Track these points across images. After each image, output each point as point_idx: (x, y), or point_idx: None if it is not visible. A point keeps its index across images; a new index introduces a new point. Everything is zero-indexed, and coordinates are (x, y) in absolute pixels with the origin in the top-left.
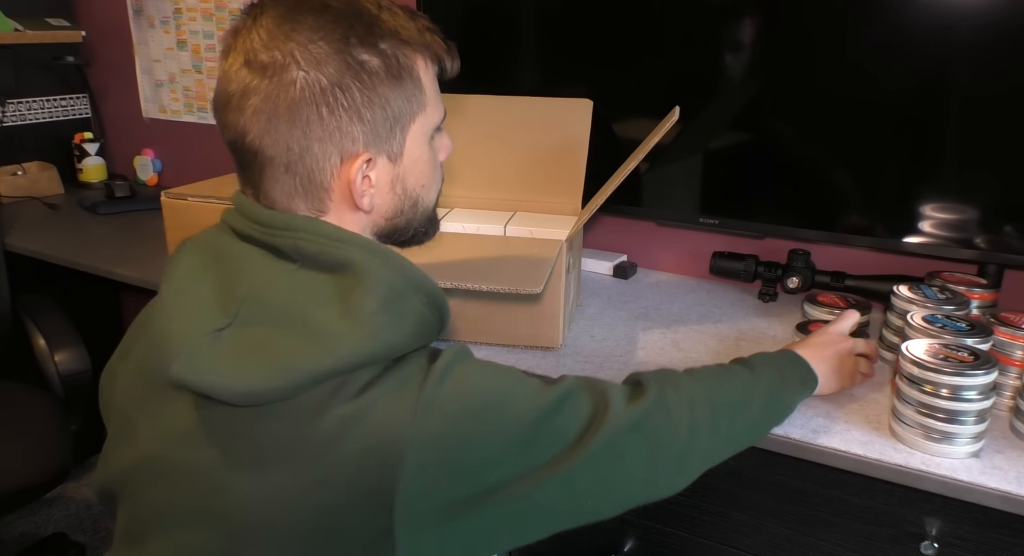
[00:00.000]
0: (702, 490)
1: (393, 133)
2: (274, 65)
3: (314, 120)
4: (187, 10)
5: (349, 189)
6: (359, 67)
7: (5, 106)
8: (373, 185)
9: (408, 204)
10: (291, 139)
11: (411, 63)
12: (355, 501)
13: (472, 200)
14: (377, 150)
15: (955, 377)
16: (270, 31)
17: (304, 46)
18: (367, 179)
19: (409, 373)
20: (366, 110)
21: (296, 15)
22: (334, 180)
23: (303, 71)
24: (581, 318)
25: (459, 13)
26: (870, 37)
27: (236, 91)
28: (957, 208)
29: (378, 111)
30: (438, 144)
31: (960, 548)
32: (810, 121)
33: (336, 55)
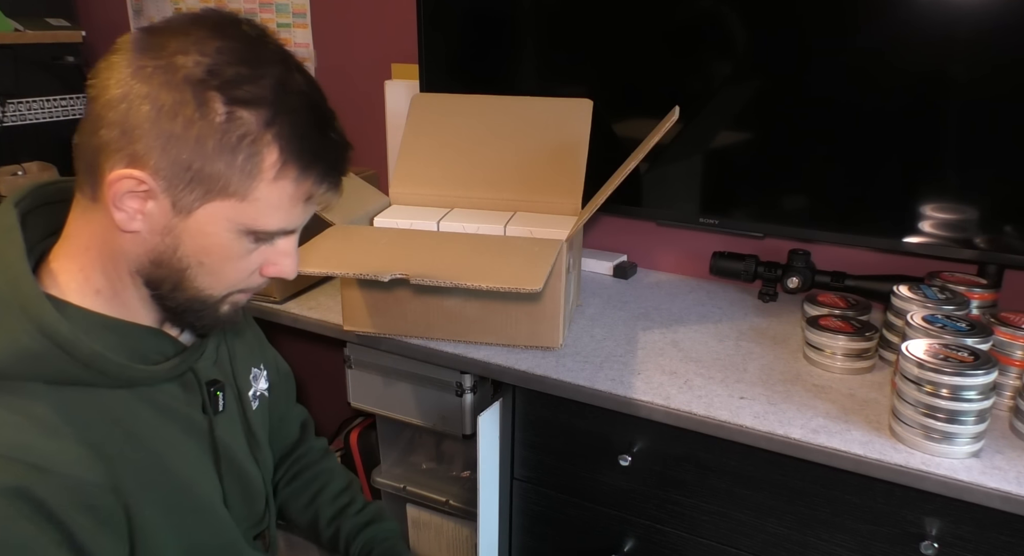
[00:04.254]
0: (702, 490)
1: (191, 189)
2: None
3: (142, 111)
4: (187, 10)
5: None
6: (205, 107)
7: (5, 106)
8: (144, 213)
9: (176, 266)
10: (122, 106)
11: (260, 152)
12: None
13: (472, 200)
14: (165, 186)
15: (955, 377)
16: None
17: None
18: (139, 201)
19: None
20: (182, 145)
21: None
22: (110, 173)
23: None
24: (581, 318)
25: (459, 13)
26: (870, 37)
27: None
28: (957, 208)
29: (190, 156)
30: (265, 256)
31: (960, 548)
32: (810, 121)
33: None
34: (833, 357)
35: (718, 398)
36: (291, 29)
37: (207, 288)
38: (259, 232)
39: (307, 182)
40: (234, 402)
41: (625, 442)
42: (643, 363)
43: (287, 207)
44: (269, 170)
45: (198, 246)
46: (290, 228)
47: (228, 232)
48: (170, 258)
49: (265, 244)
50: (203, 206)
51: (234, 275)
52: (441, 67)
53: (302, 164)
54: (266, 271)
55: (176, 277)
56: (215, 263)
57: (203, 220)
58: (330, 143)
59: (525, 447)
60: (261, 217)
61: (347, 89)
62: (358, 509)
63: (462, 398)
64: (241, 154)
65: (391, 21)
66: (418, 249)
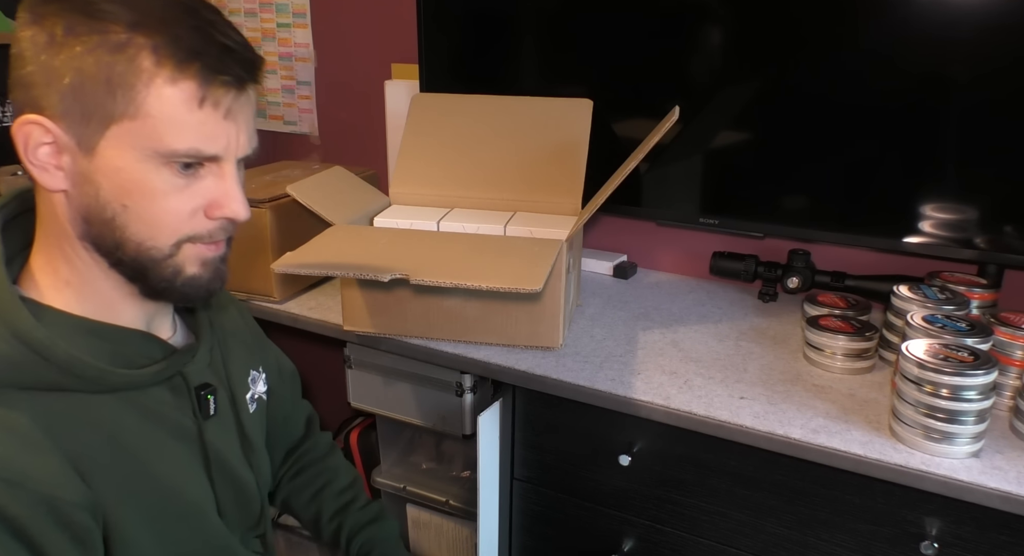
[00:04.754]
0: (702, 490)
1: (87, 120)
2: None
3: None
4: None
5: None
6: (70, 29)
7: (5, 106)
8: (61, 168)
9: (103, 216)
10: None
11: (133, 59)
12: None
13: (472, 200)
14: (66, 127)
15: (955, 377)
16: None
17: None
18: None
19: None
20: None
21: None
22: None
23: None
24: (581, 318)
25: (459, 13)
26: (871, 37)
27: None
28: (957, 208)
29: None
30: (204, 196)
31: (960, 548)
32: (810, 121)
33: (60, 10)
34: (833, 357)
35: (718, 398)
36: (291, 29)
37: (146, 238)
38: (169, 154)
39: (190, 81)
40: (227, 406)
41: (625, 442)
42: (643, 363)
43: (184, 117)
44: (147, 76)
45: (115, 186)
46: (207, 151)
47: (139, 162)
48: (95, 208)
49: (193, 178)
50: (103, 138)
51: (168, 217)
52: (441, 67)
53: (178, 61)
54: (211, 212)
55: (110, 231)
56: (139, 204)
57: (109, 153)
58: (209, 38)
59: (525, 447)
60: (163, 135)
61: (347, 89)
62: (360, 506)
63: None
64: (117, 67)
65: (391, 21)
66: (418, 249)
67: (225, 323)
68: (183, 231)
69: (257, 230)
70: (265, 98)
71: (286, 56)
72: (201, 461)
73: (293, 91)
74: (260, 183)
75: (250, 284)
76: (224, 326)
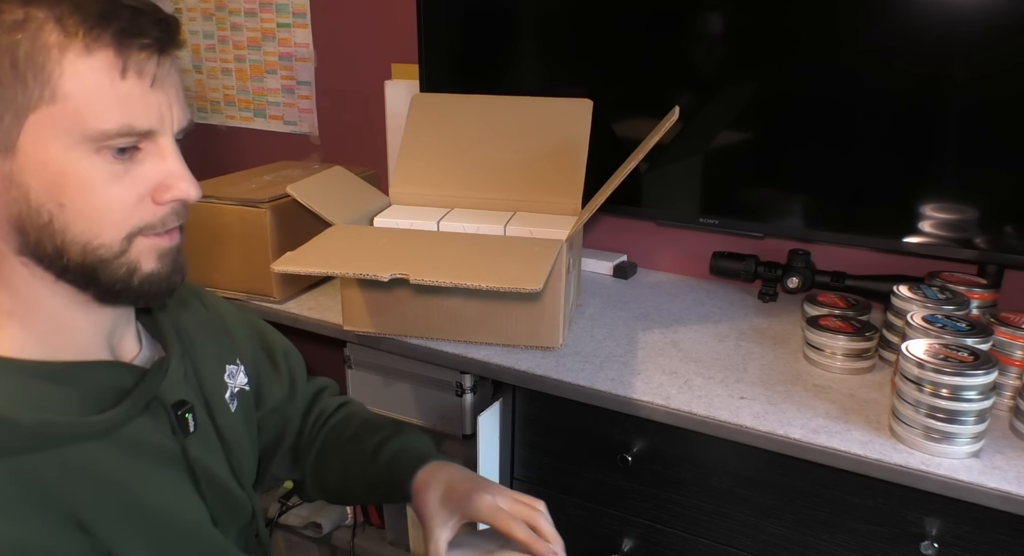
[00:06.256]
0: (702, 490)
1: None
2: None
3: None
4: (187, 10)
5: None
6: None
7: None
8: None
9: (38, 221)
10: None
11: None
12: None
13: (472, 200)
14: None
15: (955, 377)
16: None
17: None
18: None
19: None
20: None
21: None
22: None
23: None
24: (581, 318)
25: (459, 13)
26: (870, 37)
27: None
28: (957, 208)
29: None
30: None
31: (960, 548)
32: (810, 121)
33: None
34: (833, 357)
35: (718, 398)
36: (291, 29)
37: (92, 237)
38: (99, 136)
39: (106, 50)
40: (206, 417)
41: (625, 442)
42: (643, 363)
43: (107, 91)
44: (56, 52)
45: (46, 183)
46: (140, 126)
47: (67, 152)
48: (28, 215)
49: (132, 162)
50: (21, 132)
51: (112, 209)
52: (441, 67)
53: (88, 28)
54: (159, 197)
55: (49, 236)
56: (76, 200)
57: (31, 148)
58: (124, 5)
59: (525, 447)
60: (87, 115)
61: (347, 89)
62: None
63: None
64: (21, 47)
65: (391, 21)
66: (418, 249)
67: (189, 321)
68: (131, 223)
69: (257, 230)
70: (265, 98)
71: (286, 56)
72: (189, 479)
73: (293, 91)
74: (260, 183)
75: (250, 284)
76: (188, 326)
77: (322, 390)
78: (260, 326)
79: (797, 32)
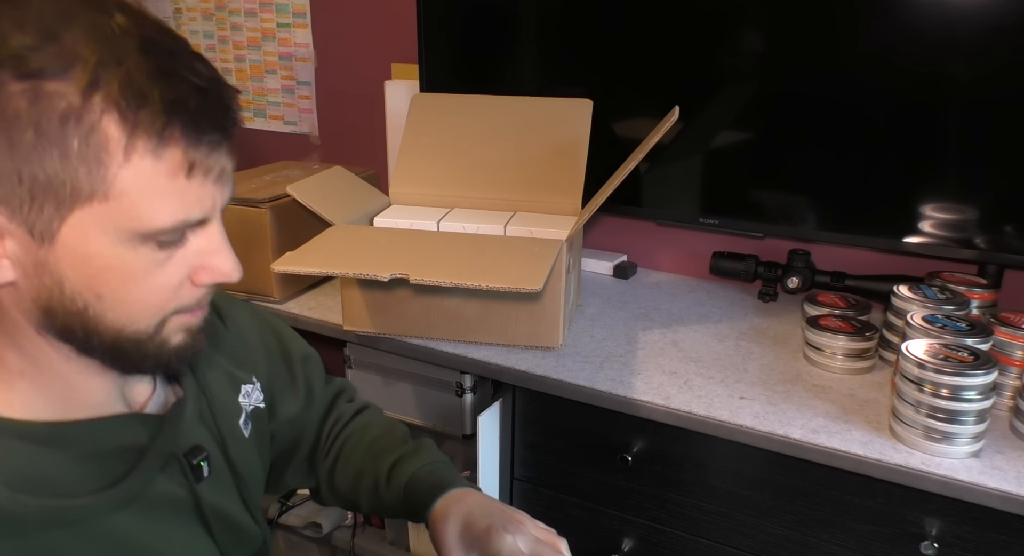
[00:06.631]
0: (702, 490)
1: (39, 206)
2: None
3: None
4: (187, 10)
5: None
6: None
7: None
8: (7, 257)
9: (72, 308)
10: None
11: (95, 128)
12: None
13: (472, 200)
14: (8, 213)
15: (955, 377)
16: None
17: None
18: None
19: None
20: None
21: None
22: None
23: None
24: (581, 318)
25: (459, 13)
26: (870, 37)
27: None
28: (957, 208)
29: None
30: (188, 262)
31: (960, 548)
32: (810, 121)
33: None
34: (833, 357)
35: (718, 398)
36: (291, 29)
37: (127, 324)
38: (153, 233)
39: (174, 149)
40: (219, 456)
41: (625, 442)
42: (643, 363)
43: (167, 188)
44: (116, 148)
45: (85, 276)
46: (195, 218)
47: (113, 247)
48: (61, 301)
49: (176, 247)
50: (64, 223)
51: (152, 298)
52: (441, 67)
53: (156, 125)
54: (199, 279)
55: (81, 322)
56: (117, 291)
57: (74, 241)
58: (180, 81)
59: (525, 447)
60: (142, 214)
61: (347, 89)
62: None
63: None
64: (74, 139)
65: (391, 21)
66: (418, 249)
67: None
68: (169, 307)
69: (257, 230)
70: (265, 98)
71: (286, 56)
72: (200, 524)
73: (293, 91)
74: (260, 183)
75: (250, 284)
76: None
77: (339, 394)
78: (280, 332)
79: (797, 32)
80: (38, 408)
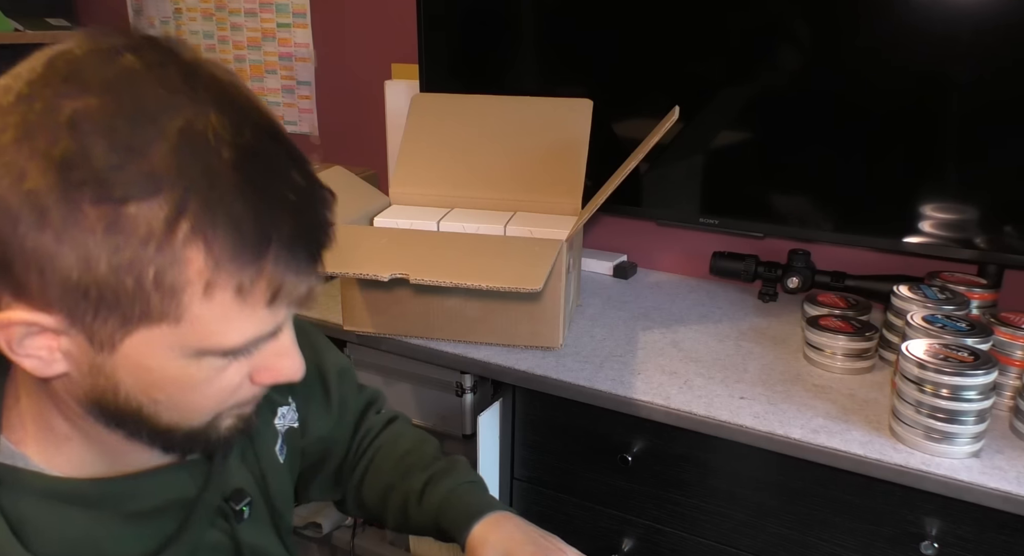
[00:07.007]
0: (702, 490)
1: (102, 319)
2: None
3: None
4: (187, 10)
5: None
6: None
7: None
8: (61, 351)
9: (126, 407)
10: None
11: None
12: None
13: (472, 200)
14: (68, 321)
15: (955, 377)
16: None
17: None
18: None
19: None
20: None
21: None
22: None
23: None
24: (581, 318)
25: (459, 13)
26: (870, 36)
27: None
28: (957, 208)
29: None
30: (251, 364)
31: (960, 548)
32: (810, 121)
33: (55, 183)
34: (833, 357)
35: (718, 398)
36: (291, 29)
37: (181, 421)
38: (222, 351)
39: (259, 282)
40: (259, 495)
41: (625, 442)
42: (643, 363)
43: (246, 315)
44: (197, 281)
45: (143, 382)
46: (267, 333)
47: (176, 360)
48: (114, 401)
49: (242, 356)
50: (128, 338)
51: (209, 402)
52: (441, 67)
53: (244, 261)
54: (260, 379)
55: (133, 417)
56: (175, 397)
57: (136, 353)
58: (284, 209)
59: (525, 447)
60: (213, 336)
61: (347, 89)
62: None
63: (462, 398)
64: (151, 267)
65: (391, 21)
66: (418, 249)
67: None
68: (226, 405)
69: None
70: (265, 98)
71: (286, 56)
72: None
73: (293, 91)
74: None
75: None
76: None
77: (369, 405)
78: (316, 346)
79: (797, 31)
80: (85, 466)
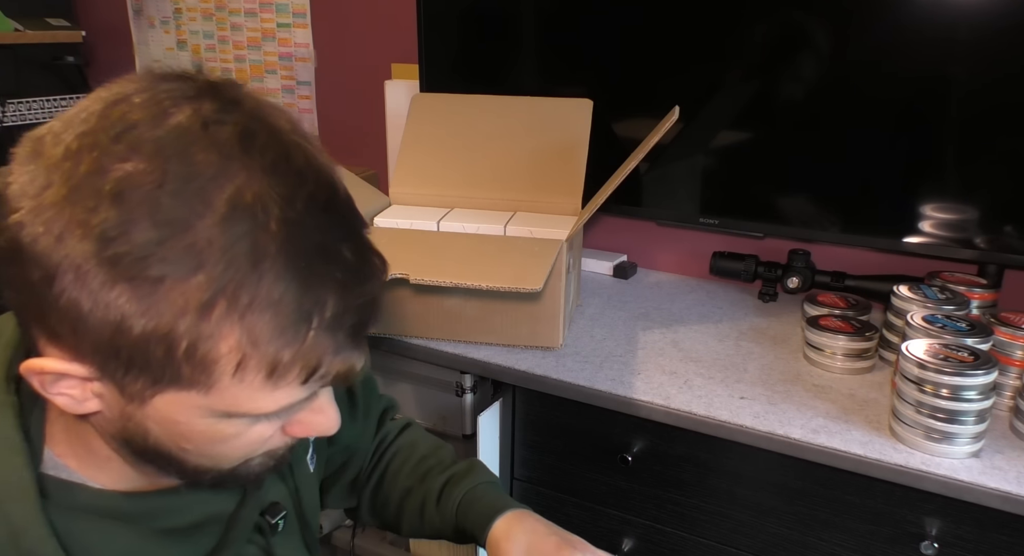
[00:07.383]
0: (702, 490)
1: (133, 377)
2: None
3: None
4: (187, 10)
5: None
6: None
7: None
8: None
9: (155, 451)
10: None
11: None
12: None
13: (472, 200)
14: (99, 372)
15: (955, 377)
16: None
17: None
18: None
19: None
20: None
21: None
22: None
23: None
24: (581, 318)
25: (459, 12)
26: (870, 37)
27: None
28: (957, 208)
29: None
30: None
31: (960, 548)
32: (810, 121)
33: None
34: (833, 357)
35: (718, 398)
36: (291, 29)
37: (211, 466)
38: (250, 416)
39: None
40: (292, 509)
41: (625, 442)
42: (643, 363)
43: (281, 390)
44: (230, 355)
45: (172, 433)
46: (301, 400)
47: (206, 419)
48: (143, 443)
49: (274, 418)
50: (157, 396)
51: (238, 452)
52: (441, 67)
53: (284, 338)
54: (292, 431)
55: (164, 459)
56: (203, 448)
57: (165, 408)
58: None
59: (525, 447)
60: (243, 405)
61: (347, 89)
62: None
63: (462, 398)
64: (184, 339)
65: (391, 21)
66: (418, 249)
67: None
68: (256, 454)
69: None
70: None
71: (286, 56)
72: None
73: (293, 91)
74: None
75: None
76: None
77: (385, 412)
78: None
79: (797, 31)
80: (126, 481)
